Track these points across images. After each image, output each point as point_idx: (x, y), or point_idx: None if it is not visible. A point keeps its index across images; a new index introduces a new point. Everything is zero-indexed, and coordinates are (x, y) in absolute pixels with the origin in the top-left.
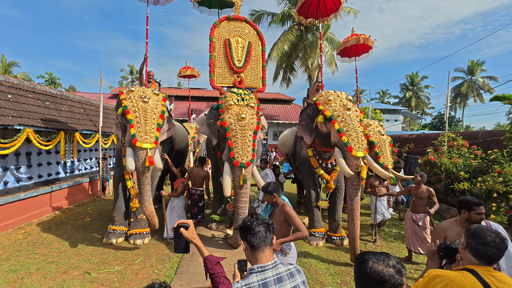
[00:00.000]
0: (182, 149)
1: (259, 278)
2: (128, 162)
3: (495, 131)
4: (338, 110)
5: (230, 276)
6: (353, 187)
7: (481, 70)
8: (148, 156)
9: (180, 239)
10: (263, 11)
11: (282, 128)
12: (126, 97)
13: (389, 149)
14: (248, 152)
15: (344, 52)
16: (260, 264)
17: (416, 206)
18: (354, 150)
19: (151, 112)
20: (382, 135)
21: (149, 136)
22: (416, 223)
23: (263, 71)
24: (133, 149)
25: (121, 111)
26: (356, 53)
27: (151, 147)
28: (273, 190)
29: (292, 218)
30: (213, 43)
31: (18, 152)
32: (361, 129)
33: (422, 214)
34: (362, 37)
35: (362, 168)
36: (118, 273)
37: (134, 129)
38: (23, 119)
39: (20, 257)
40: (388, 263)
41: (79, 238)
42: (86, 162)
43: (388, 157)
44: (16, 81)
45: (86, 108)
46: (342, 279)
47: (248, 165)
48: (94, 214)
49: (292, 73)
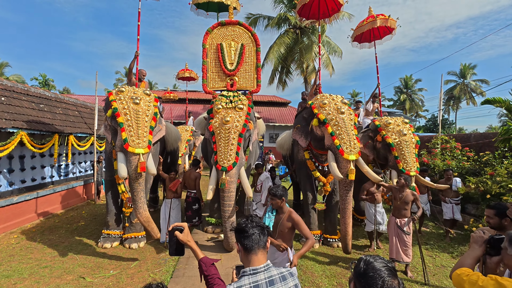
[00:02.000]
0: (174, 150)
1: (251, 281)
2: (120, 168)
3: (487, 134)
4: (332, 113)
5: (226, 279)
6: (344, 188)
7: (472, 73)
8: (140, 161)
9: (175, 242)
10: (259, 14)
11: (278, 130)
12: (116, 98)
13: (413, 152)
14: (230, 155)
15: (361, 38)
16: (252, 267)
17: (400, 211)
18: (345, 153)
19: (143, 114)
20: (403, 135)
21: (142, 141)
22: (401, 228)
23: (258, 71)
24: (125, 154)
25: (111, 113)
26: (378, 35)
27: (144, 152)
28: (283, 194)
29: (300, 226)
30: (206, 49)
31: (11, 155)
32: (354, 133)
33: (406, 219)
34: (379, 19)
35: (351, 171)
36: (113, 277)
37: (125, 133)
38: (16, 122)
39: (13, 262)
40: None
41: (73, 242)
42: (80, 165)
43: (411, 162)
44: (10, 83)
45: (81, 110)
46: (338, 281)
47: (230, 168)
48: (89, 218)
49: (288, 76)
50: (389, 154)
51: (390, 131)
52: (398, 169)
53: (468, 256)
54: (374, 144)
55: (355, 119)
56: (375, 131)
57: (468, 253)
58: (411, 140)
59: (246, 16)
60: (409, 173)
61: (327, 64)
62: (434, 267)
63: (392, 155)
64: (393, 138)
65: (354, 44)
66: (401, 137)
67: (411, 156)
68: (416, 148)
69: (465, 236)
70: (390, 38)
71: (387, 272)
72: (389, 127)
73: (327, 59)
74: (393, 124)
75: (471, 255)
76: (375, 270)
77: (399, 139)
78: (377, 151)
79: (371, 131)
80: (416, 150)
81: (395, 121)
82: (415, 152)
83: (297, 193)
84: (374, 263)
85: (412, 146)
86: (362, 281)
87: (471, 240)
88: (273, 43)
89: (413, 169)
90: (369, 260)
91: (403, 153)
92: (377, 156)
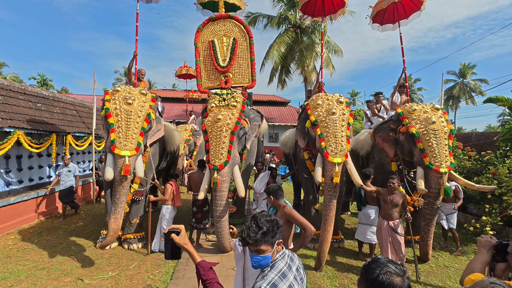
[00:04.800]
0: (174, 151)
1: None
2: (106, 170)
3: (488, 133)
4: (322, 115)
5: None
6: (328, 192)
7: (472, 73)
8: (125, 164)
9: (171, 245)
10: (259, 13)
11: (278, 130)
12: (111, 98)
13: (444, 143)
14: (222, 154)
15: (383, 18)
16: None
17: (391, 213)
18: (330, 156)
19: (134, 115)
20: (432, 123)
21: (129, 143)
22: (395, 230)
23: (252, 65)
24: (113, 156)
25: (104, 113)
26: (403, 14)
27: (130, 154)
28: (271, 192)
29: (294, 217)
30: (198, 48)
31: (8, 155)
32: (343, 134)
33: (397, 221)
34: None
35: (336, 174)
36: (112, 279)
37: (114, 134)
38: (13, 121)
39: (9, 264)
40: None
41: (71, 243)
42: (78, 165)
43: (441, 155)
44: (7, 82)
45: (79, 110)
46: (340, 282)
47: (221, 167)
48: (87, 218)
49: (287, 76)
50: (414, 148)
51: (414, 119)
52: (424, 165)
53: (476, 261)
54: (397, 137)
55: (350, 119)
56: (397, 120)
57: (477, 257)
58: (442, 129)
59: (246, 15)
60: (439, 170)
61: (327, 63)
62: (437, 267)
63: (417, 148)
64: (418, 127)
65: (375, 26)
66: (428, 126)
67: (441, 149)
68: (450, 139)
69: (466, 235)
70: (418, 15)
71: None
72: (414, 114)
73: (328, 58)
74: (418, 111)
75: (480, 260)
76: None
77: (426, 128)
78: (401, 146)
79: (393, 122)
80: (450, 141)
81: (422, 107)
82: (449, 144)
83: (298, 194)
84: (386, 267)
85: (444, 137)
86: (376, 285)
87: (478, 245)
88: (273, 42)
89: (444, 165)
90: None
91: (431, 144)
92: (402, 151)
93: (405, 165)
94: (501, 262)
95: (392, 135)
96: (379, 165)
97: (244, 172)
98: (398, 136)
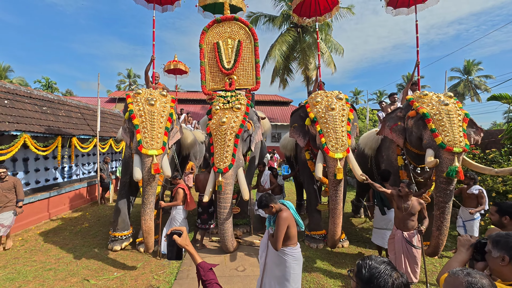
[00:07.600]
0: (188, 155)
1: None
2: (135, 171)
3: (493, 131)
4: (322, 111)
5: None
6: (333, 188)
7: (478, 69)
8: (153, 163)
9: (173, 246)
10: (260, 13)
11: (280, 130)
12: (133, 100)
13: (459, 124)
14: (226, 157)
15: (397, 2)
16: None
17: (406, 222)
18: (331, 151)
19: (158, 115)
20: (445, 104)
21: (156, 142)
22: (410, 243)
23: (257, 68)
24: (139, 156)
25: (128, 115)
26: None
27: (157, 153)
28: (267, 203)
29: (276, 228)
30: (203, 49)
31: (15, 158)
32: (344, 129)
33: (413, 231)
34: None
35: (338, 170)
36: (117, 279)
37: (140, 135)
38: (20, 125)
39: (17, 265)
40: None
41: (77, 244)
42: (84, 167)
43: (454, 134)
44: (13, 86)
45: (84, 112)
46: (343, 281)
47: (226, 170)
48: (93, 219)
49: (289, 75)
50: (424, 131)
51: (425, 102)
52: (436, 145)
53: (455, 260)
54: (406, 124)
55: (350, 114)
56: (407, 107)
57: (455, 256)
58: (456, 111)
59: (247, 15)
60: (452, 149)
61: (329, 62)
62: (441, 267)
63: (427, 130)
64: (430, 109)
65: (389, 9)
66: (440, 107)
67: (455, 128)
68: (465, 122)
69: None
70: (436, 1)
71: (392, 269)
72: (425, 98)
73: (329, 57)
74: (430, 95)
75: (458, 259)
76: (380, 272)
77: (438, 108)
78: (409, 133)
79: (401, 109)
80: (465, 124)
81: (434, 93)
82: (463, 127)
83: (300, 194)
84: (376, 265)
85: (458, 118)
86: (372, 285)
87: (458, 244)
88: (274, 41)
89: (458, 144)
90: (371, 264)
91: (444, 124)
92: (409, 139)
93: (412, 159)
94: (480, 261)
95: (400, 124)
96: (388, 163)
97: (247, 173)
98: (406, 123)
